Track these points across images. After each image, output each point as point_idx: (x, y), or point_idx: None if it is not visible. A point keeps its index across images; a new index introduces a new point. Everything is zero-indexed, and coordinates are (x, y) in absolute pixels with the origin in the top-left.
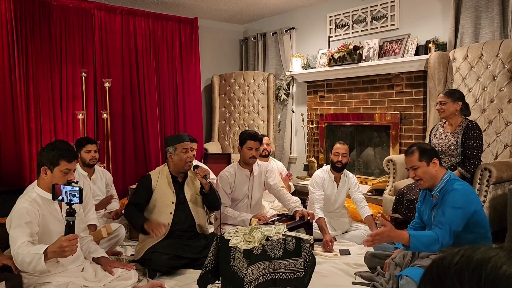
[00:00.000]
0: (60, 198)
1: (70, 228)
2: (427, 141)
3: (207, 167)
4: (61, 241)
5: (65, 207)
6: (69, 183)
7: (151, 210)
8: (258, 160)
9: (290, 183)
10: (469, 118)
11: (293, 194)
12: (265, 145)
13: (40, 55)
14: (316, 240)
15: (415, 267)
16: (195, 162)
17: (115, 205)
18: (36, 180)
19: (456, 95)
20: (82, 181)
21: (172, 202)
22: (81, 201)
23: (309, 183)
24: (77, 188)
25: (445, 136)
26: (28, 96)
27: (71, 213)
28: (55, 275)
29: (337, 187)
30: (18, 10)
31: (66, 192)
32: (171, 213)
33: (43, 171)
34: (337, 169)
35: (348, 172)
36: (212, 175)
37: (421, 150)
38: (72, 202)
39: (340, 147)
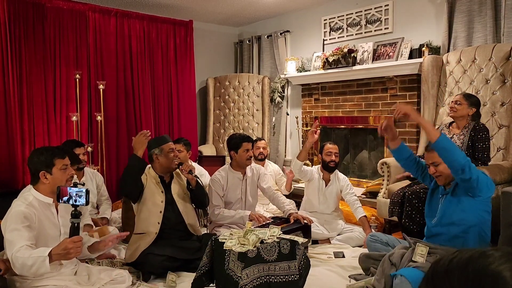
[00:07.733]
0: (65, 199)
1: (75, 230)
2: (421, 143)
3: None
4: (66, 243)
5: (62, 211)
6: (75, 185)
7: (141, 209)
8: (252, 163)
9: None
10: None
11: (288, 196)
12: (261, 149)
13: (34, 57)
14: (313, 242)
15: (410, 267)
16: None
17: (106, 208)
18: (30, 184)
19: (473, 100)
20: None
21: (162, 201)
22: (87, 203)
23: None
24: (84, 190)
25: (451, 138)
26: (21, 98)
27: (76, 215)
28: (48, 278)
29: (326, 186)
30: (12, 12)
31: (72, 194)
32: (160, 212)
33: (42, 176)
34: (330, 168)
35: (340, 173)
36: (207, 177)
37: None
38: (78, 203)
39: (332, 147)
